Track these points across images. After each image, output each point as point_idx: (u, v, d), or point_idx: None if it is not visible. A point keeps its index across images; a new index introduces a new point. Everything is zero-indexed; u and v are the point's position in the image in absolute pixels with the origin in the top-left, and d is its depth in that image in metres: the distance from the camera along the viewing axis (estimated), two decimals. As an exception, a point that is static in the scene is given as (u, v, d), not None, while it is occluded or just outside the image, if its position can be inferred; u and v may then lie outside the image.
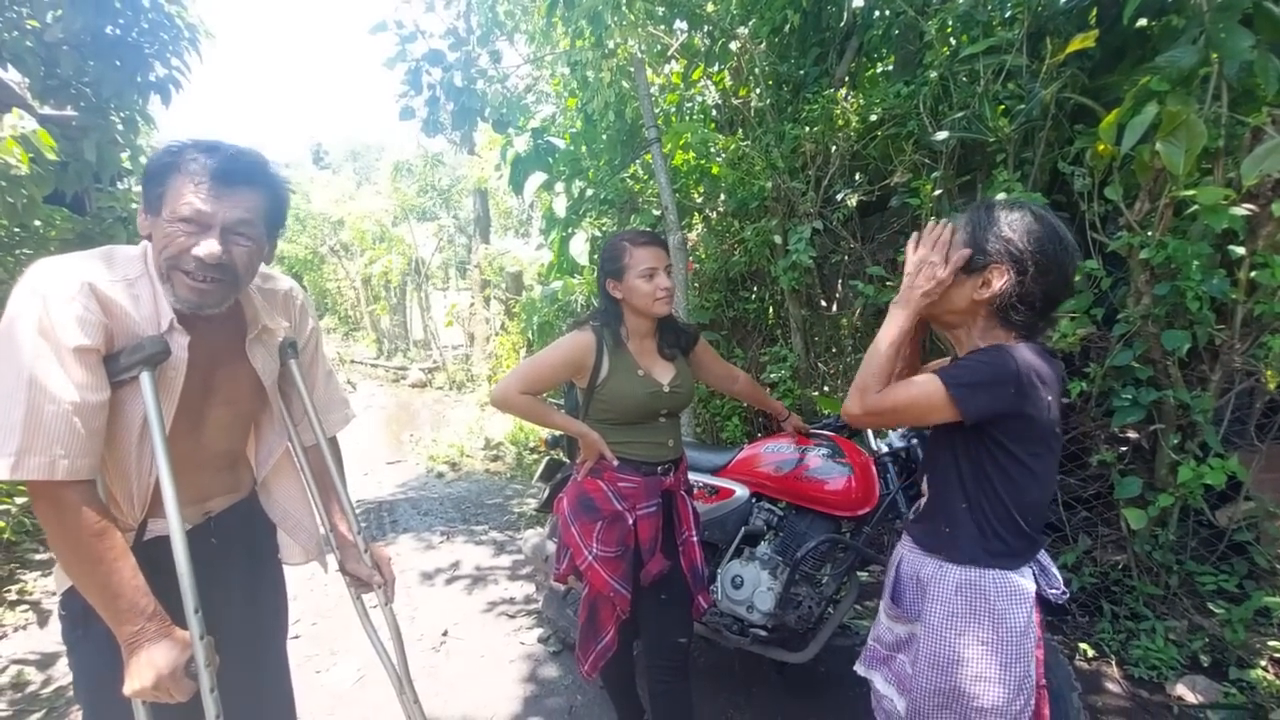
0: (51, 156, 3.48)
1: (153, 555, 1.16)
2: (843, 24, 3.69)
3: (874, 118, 3.26)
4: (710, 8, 3.96)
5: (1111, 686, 2.40)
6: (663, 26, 4.12)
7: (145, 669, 1.07)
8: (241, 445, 1.46)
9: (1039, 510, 1.28)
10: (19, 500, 3.69)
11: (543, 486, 2.90)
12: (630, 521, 1.81)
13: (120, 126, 4.98)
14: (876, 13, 3.63)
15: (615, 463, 1.82)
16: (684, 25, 4.20)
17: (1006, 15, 2.89)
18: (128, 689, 1.07)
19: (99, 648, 1.16)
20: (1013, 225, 1.20)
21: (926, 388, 1.21)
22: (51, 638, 3.01)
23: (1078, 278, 2.42)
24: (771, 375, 3.63)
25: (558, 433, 2.96)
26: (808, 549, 2.17)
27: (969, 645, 1.21)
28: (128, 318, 1.13)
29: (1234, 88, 2.27)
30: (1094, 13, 2.89)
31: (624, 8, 3.48)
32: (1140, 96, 2.29)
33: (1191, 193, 2.18)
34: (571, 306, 5.04)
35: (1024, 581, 1.23)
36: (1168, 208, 2.30)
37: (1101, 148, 2.34)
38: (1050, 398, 1.19)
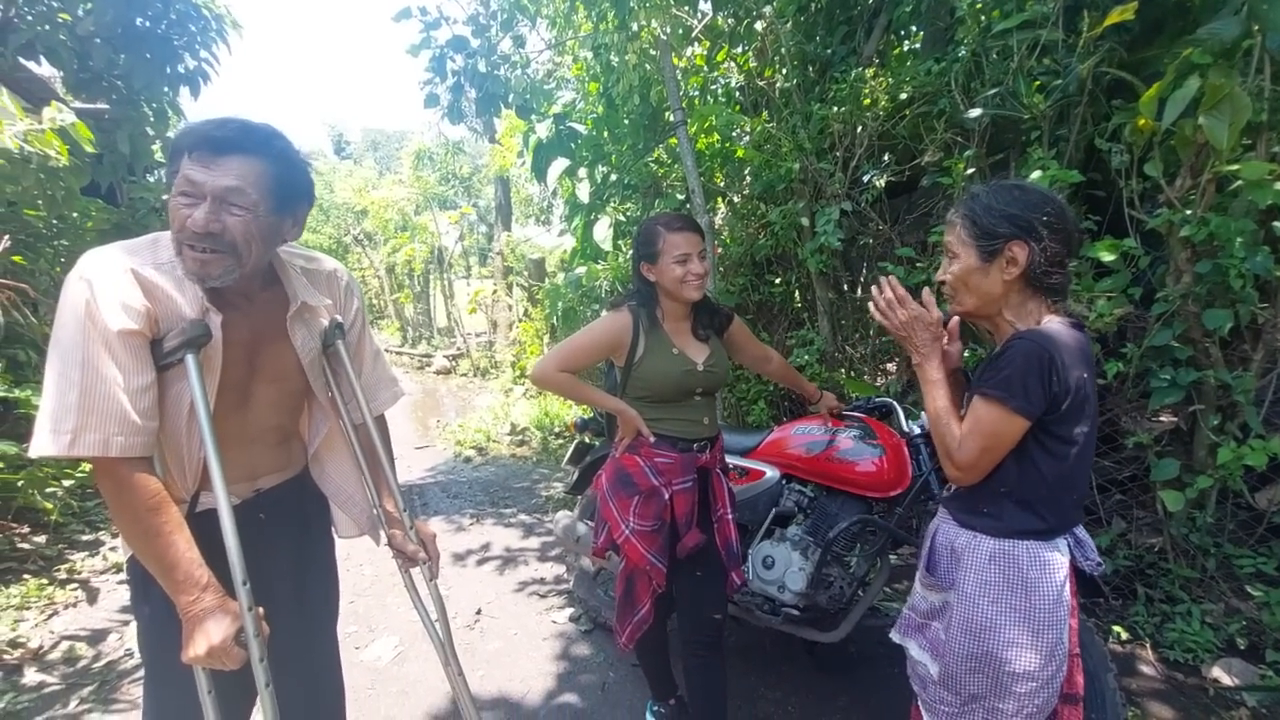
0: (88, 149, 3.55)
1: (203, 528, 1.19)
2: (871, 1, 3.63)
3: (903, 96, 3.21)
4: (735, -13, 3.92)
5: (1146, 669, 2.39)
6: (686, 8, 4.08)
7: (199, 639, 1.11)
8: (292, 422, 1.48)
9: (1080, 486, 1.30)
10: (66, 483, 3.82)
11: (572, 469, 2.94)
12: (666, 497, 1.84)
13: (151, 118, 5.07)
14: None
15: (652, 439, 1.85)
16: (707, 7, 4.16)
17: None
18: (185, 656, 1.12)
19: (159, 613, 1.22)
20: (1006, 201, 1.25)
21: (990, 417, 1.20)
22: (101, 614, 3.13)
23: (1111, 257, 2.38)
24: (798, 359, 3.62)
25: (586, 416, 3.00)
26: (840, 530, 2.18)
27: (1001, 612, 1.24)
28: (171, 301, 1.16)
29: (1277, 60, 2.20)
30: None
31: (648, -11, 3.46)
32: (1182, 70, 2.23)
33: (1235, 168, 2.13)
34: (595, 292, 5.06)
35: (1057, 553, 1.25)
36: (1210, 183, 2.25)
37: (1142, 123, 2.29)
38: (1086, 373, 1.21)
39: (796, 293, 4.04)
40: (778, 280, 4.00)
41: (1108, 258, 2.40)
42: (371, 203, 12.15)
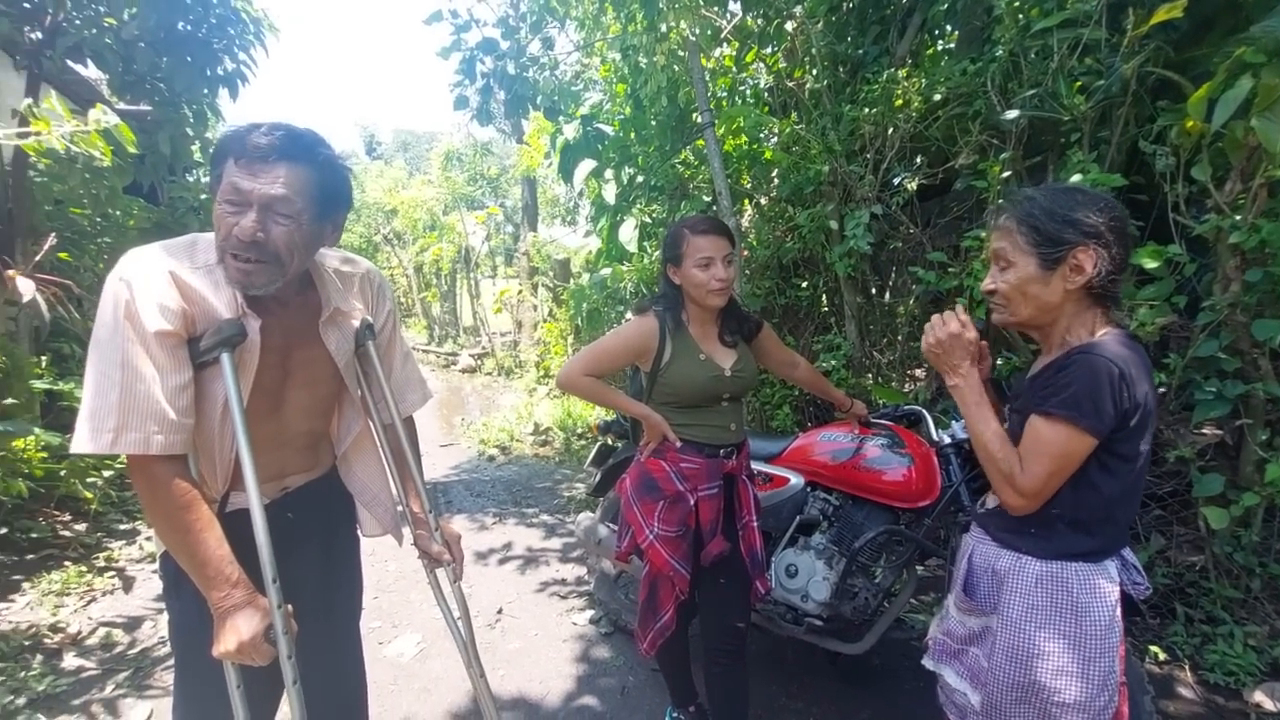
0: (131, 149, 3.65)
1: (233, 526, 1.21)
2: (904, 1, 3.57)
3: (937, 97, 3.15)
4: (766, -13, 3.88)
5: (1184, 692, 2.30)
6: (715, 8, 4.06)
7: (229, 635, 1.13)
8: (323, 425, 1.49)
9: (1133, 503, 1.25)
10: (106, 474, 3.94)
11: (594, 471, 2.94)
12: (691, 502, 1.82)
13: (191, 120, 5.20)
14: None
15: (678, 444, 1.83)
16: (737, 8, 4.13)
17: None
18: (215, 651, 1.14)
19: (190, 609, 1.24)
20: (1069, 205, 1.18)
21: (1059, 438, 1.14)
22: (137, 602, 3.22)
23: (1155, 263, 2.30)
24: (824, 364, 3.58)
25: (609, 419, 2.99)
26: (866, 540, 2.14)
27: (1050, 639, 1.17)
28: (206, 302, 1.17)
29: (1337, 60, 2.11)
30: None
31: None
32: (1233, 69, 2.15)
33: (1290, 172, 2.04)
34: (620, 294, 5.06)
35: (1107, 576, 1.19)
36: (1262, 188, 2.16)
37: (1190, 125, 2.21)
38: (1149, 387, 1.15)
39: (824, 297, 3.99)
40: (804, 284, 3.95)
41: (1151, 264, 2.32)
42: (401, 202, 12.33)
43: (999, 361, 2.93)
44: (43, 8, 4.19)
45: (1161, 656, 2.43)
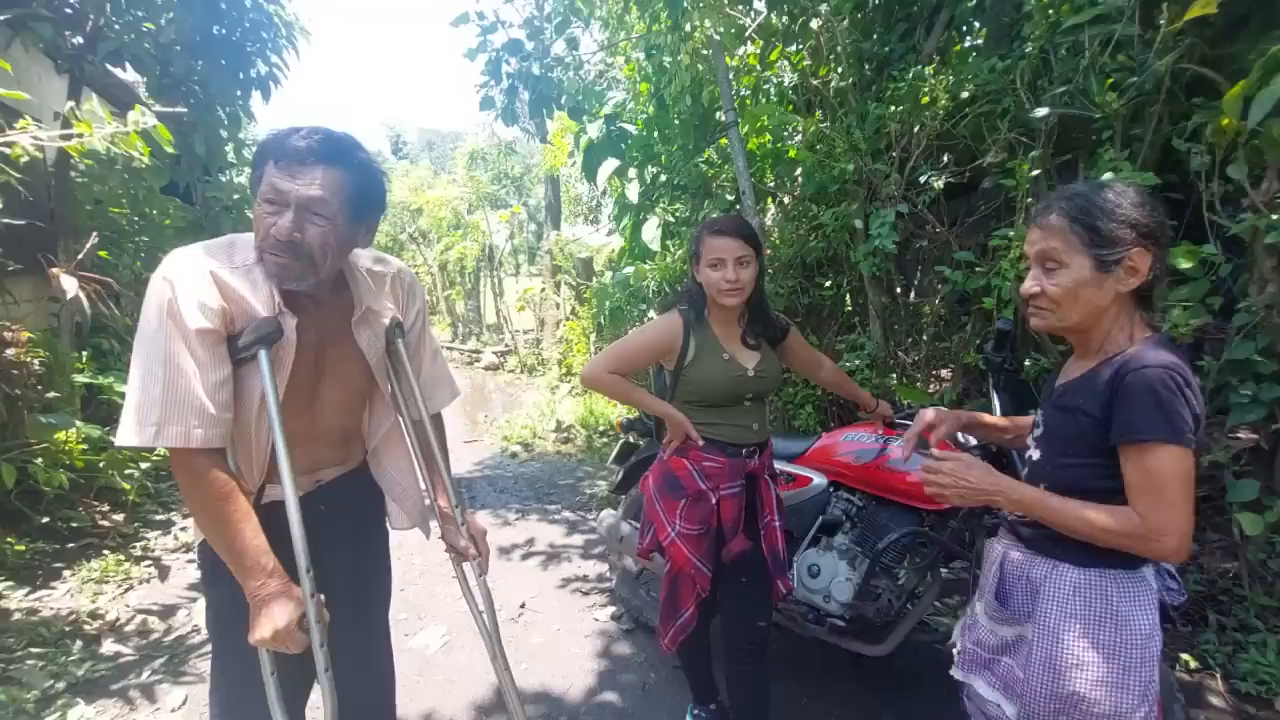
0: (168, 150, 3.76)
1: (269, 517, 1.25)
2: (931, -2, 3.54)
3: (965, 95, 3.11)
4: (791, -15, 3.87)
5: (1215, 701, 2.26)
6: (740, 6, 4.05)
7: (265, 622, 1.17)
8: (355, 421, 1.53)
9: None
10: (143, 465, 4.06)
11: (617, 469, 2.96)
12: (714, 501, 1.83)
13: (225, 121, 5.33)
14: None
15: (701, 443, 1.85)
16: (761, 5, 4.11)
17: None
18: (252, 638, 1.18)
19: (227, 597, 1.28)
20: (1124, 204, 1.13)
21: (1177, 466, 1.06)
22: (172, 590, 3.32)
23: (1189, 264, 2.26)
24: (848, 363, 3.56)
25: (631, 416, 3.01)
26: (889, 541, 2.13)
27: (1089, 649, 1.14)
28: (245, 301, 1.21)
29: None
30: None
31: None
32: (1269, 66, 2.10)
33: (1331, 171, 1.99)
34: (643, 292, 5.07)
35: (1148, 583, 1.16)
36: (1301, 187, 2.11)
37: (1225, 122, 2.17)
38: (1197, 391, 1.11)
39: (848, 296, 3.97)
40: (828, 283, 3.93)
41: (1185, 265, 2.28)
42: (426, 202, 12.50)
43: (1026, 363, 2.89)
44: (84, 13, 4.33)
45: (1193, 664, 2.39)
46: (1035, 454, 1.30)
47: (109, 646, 2.80)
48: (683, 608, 1.90)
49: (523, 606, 3.09)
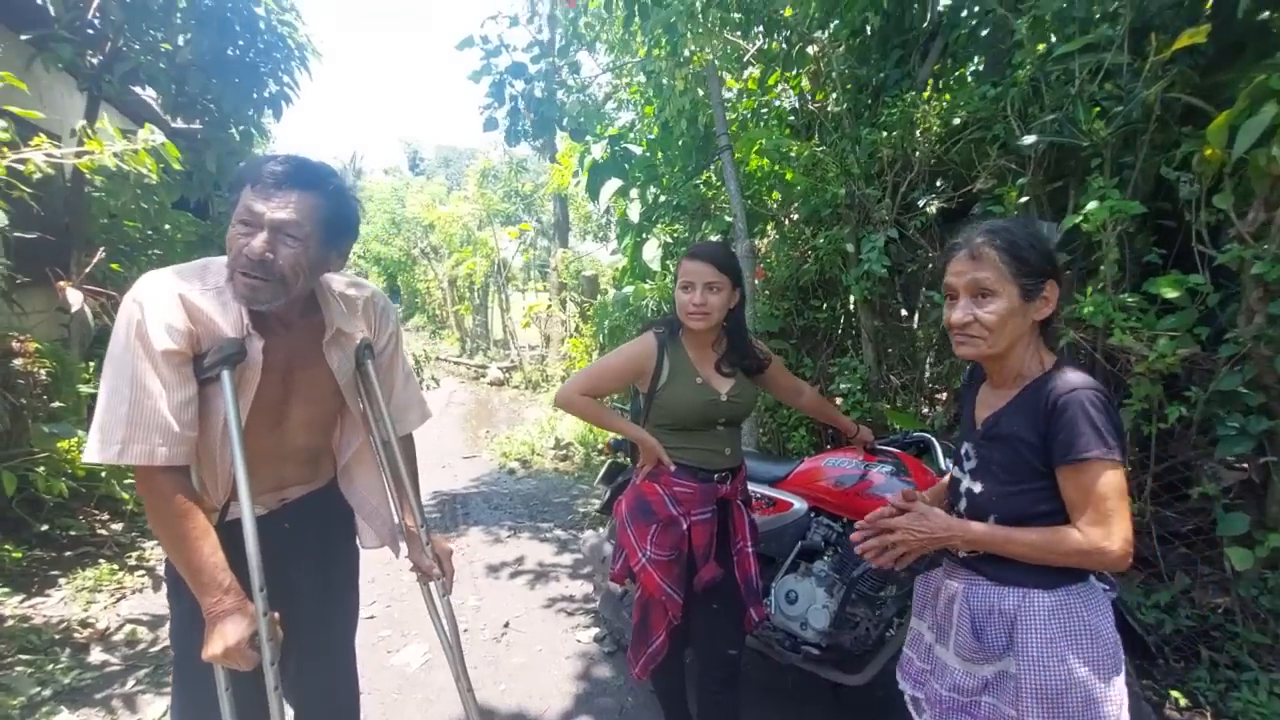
0: (177, 167, 3.85)
1: (233, 535, 1.27)
2: (926, 25, 3.56)
3: (957, 121, 3.13)
4: (788, 12, 3.91)
5: (1207, 741, 2.20)
6: (739, 33, 4.10)
7: (217, 639, 1.18)
8: (324, 441, 1.55)
9: None
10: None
11: (604, 489, 2.96)
12: (685, 527, 1.83)
13: (238, 138, 5.46)
14: (965, 11, 3.47)
15: (672, 468, 1.84)
16: (761, 30, 4.17)
17: (1109, 10, 2.70)
18: (204, 654, 1.20)
19: (187, 612, 1.29)
20: (1041, 241, 1.22)
21: (1111, 478, 1.13)
22: (162, 601, 3.28)
23: (1175, 293, 2.24)
24: (841, 386, 3.54)
25: (620, 437, 3.02)
26: (865, 568, 2.11)
27: (1074, 668, 1.17)
28: (213, 323, 1.24)
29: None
30: (1208, 5, 2.66)
31: (699, 16, 3.50)
32: (1257, 95, 2.10)
33: (1316, 202, 1.97)
34: (642, 311, 5.10)
35: (1099, 590, 1.23)
36: (1287, 218, 2.09)
37: (1209, 152, 2.16)
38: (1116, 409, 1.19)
39: (842, 319, 3.96)
40: (823, 306, 3.94)
41: (1170, 294, 2.26)
42: (438, 217, 12.68)
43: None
44: (103, 34, 4.47)
45: (1183, 702, 2.32)
46: (976, 487, 1.30)
47: (97, 655, 2.83)
48: (654, 635, 1.88)
49: (506, 626, 3.08)
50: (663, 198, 4.75)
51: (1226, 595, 2.41)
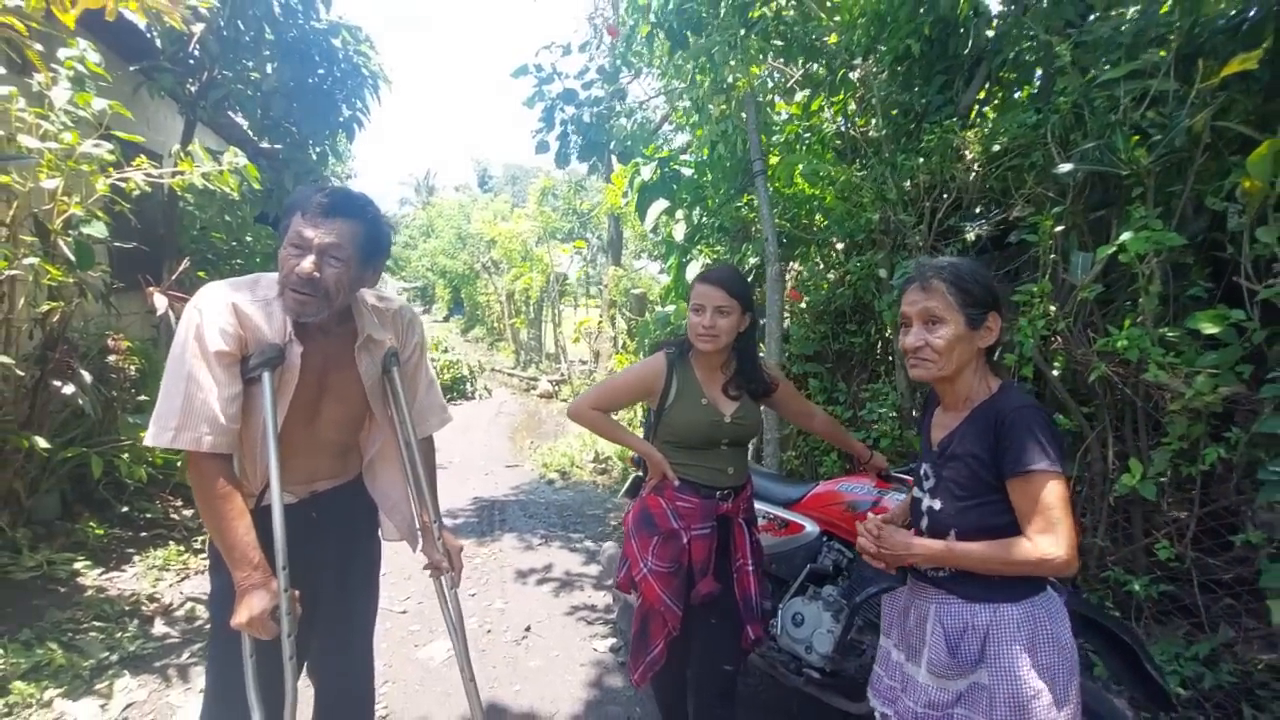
0: (257, 186, 4.21)
1: (266, 519, 1.43)
2: (968, 51, 3.53)
3: (997, 148, 3.08)
4: (833, 39, 3.95)
5: (1246, 806, 2.06)
6: (781, 60, 4.17)
7: (243, 609, 1.34)
8: (352, 438, 1.72)
9: None
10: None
11: (628, 502, 3.03)
12: (685, 540, 1.88)
13: (314, 159, 5.91)
14: (1012, 33, 3.43)
15: (676, 483, 1.91)
16: (803, 56, 4.21)
17: (1156, 36, 2.63)
18: (233, 621, 1.36)
19: (224, 585, 1.46)
20: (984, 276, 1.35)
21: (1056, 489, 1.22)
22: (221, 584, 3.62)
23: (1215, 329, 2.15)
24: (872, 412, 3.51)
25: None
26: (869, 594, 2.09)
27: (1040, 675, 1.26)
28: (259, 330, 1.43)
29: None
30: (1269, 31, 2.55)
31: (740, 44, 3.59)
32: (1303, 126, 2.01)
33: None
34: (681, 330, 5.17)
35: (1056, 598, 1.33)
36: (1336, 254, 1.98)
37: (1248, 184, 2.08)
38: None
39: (877, 344, 3.92)
40: (857, 330, 3.91)
41: (1209, 329, 2.17)
42: (499, 233, 13.17)
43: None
44: (201, 64, 4.95)
45: (1221, 763, 2.19)
46: (936, 504, 1.39)
47: (159, 627, 3.10)
48: (653, 644, 1.93)
49: (528, 630, 3.19)
50: (705, 219, 4.83)
51: (1272, 651, 2.26)
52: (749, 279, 4.28)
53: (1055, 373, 2.76)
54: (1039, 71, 3.49)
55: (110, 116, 3.39)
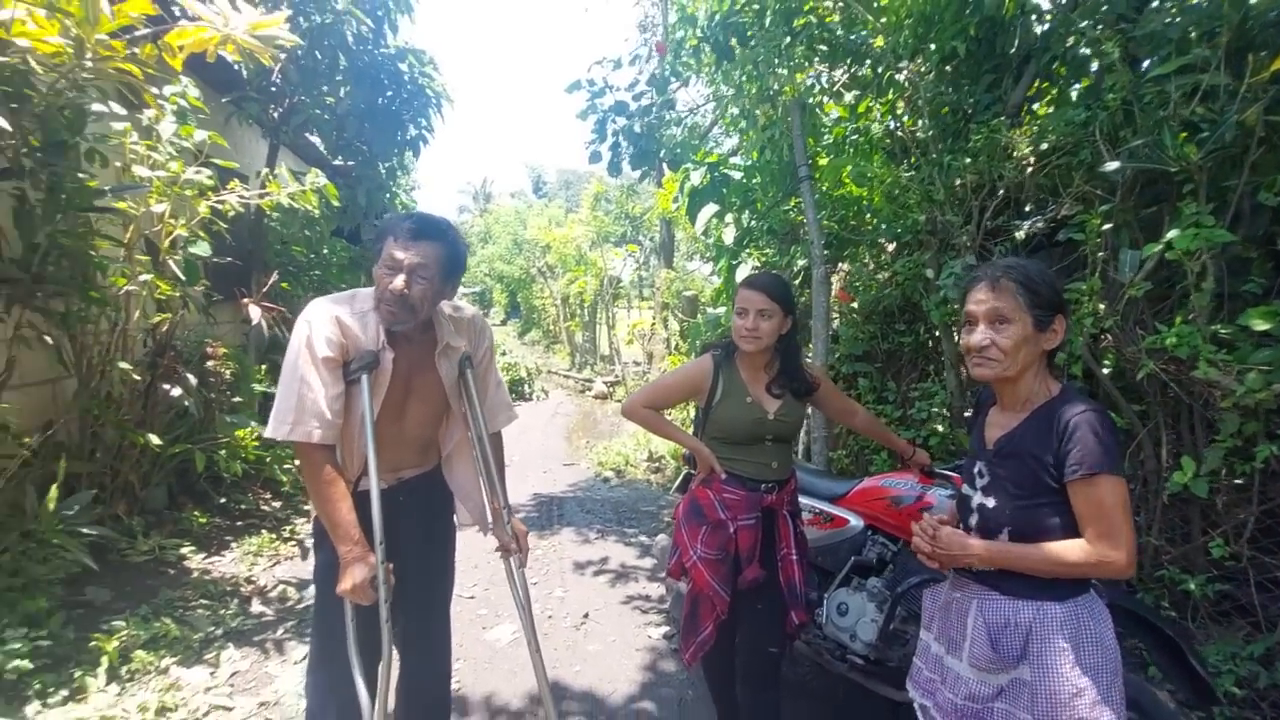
0: (335, 203, 4.57)
1: (361, 501, 1.67)
2: (1014, 50, 3.52)
3: (1045, 146, 3.08)
4: (878, 43, 4.00)
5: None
6: (827, 64, 4.24)
7: (346, 578, 1.57)
8: (433, 433, 1.95)
9: None
10: (298, 462, 4.85)
11: (679, 497, 3.18)
12: (731, 530, 2.02)
13: (384, 175, 6.30)
14: (1062, 30, 3.41)
15: (724, 476, 2.05)
16: (850, 60, 4.27)
17: (1206, 31, 2.60)
18: (338, 589, 1.58)
19: (327, 560, 1.70)
20: (1051, 278, 1.35)
21: (1117, 492, 1.24)
22: (308, 567, 3.96)
23: (1266, 325, 2.14)
24: (921, 411, 3.55)
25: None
26: (910, 584, 2.19)
27: (1084, 674, 1.27)
28: (357, 339, 1.67)
29: None
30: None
31: (785, 52, 3.69)
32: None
33: None
34: (730, 332, 5.28)
35: (1099, 600, 1.34)
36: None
37: (1296, 181, 2.06)
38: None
39: (927, 344, 3.94)
40: (906, 330, 3.94)
41: (1261, 326, 2.16)
42: (554, 238, 13.54)
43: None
44: (283, 92, 5.38)
45: (1279, 763, 2.17)
46: (989, 502, 1.41)
47: (257, 606, 3.43)
48: (703, 626, 2.07)
49: (586, 617, 3.38)
50: (755, 222, 4.94)
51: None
52: (798, 281, 4.38)
53: (1105, 371, 2.75)
54: (1095, 65, 3.46)
55: (209, 145, 3.76)
